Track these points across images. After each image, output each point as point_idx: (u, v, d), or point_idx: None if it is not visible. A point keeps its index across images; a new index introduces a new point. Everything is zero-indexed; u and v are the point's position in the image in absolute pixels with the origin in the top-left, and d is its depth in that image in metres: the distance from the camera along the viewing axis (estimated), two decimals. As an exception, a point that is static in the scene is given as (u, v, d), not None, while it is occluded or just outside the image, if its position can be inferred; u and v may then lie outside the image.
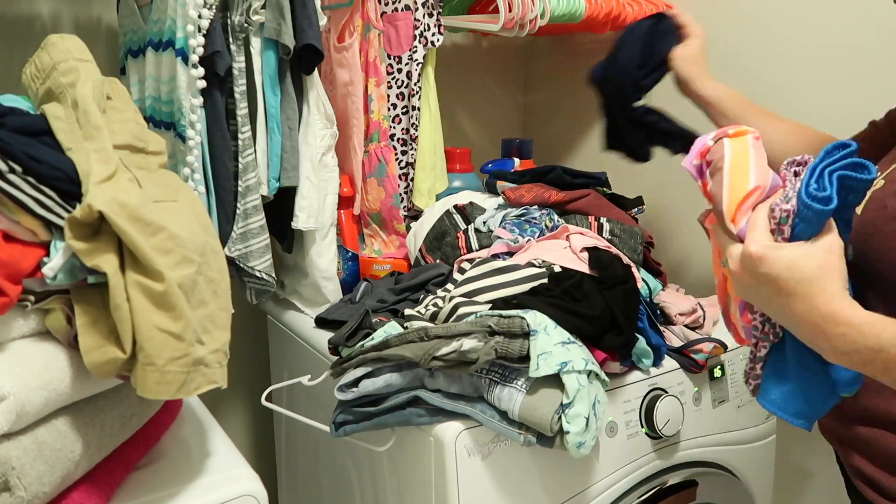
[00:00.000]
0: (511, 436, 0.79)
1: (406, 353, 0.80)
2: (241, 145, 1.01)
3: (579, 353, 0.81)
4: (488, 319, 0.82)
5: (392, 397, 0.83)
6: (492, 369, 0.81)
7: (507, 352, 0.79)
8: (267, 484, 0.73)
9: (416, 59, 1.18)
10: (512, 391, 0.79)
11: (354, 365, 0.83)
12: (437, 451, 0.82)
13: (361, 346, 0.86)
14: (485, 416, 0.81)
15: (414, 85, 1.19)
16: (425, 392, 0.82)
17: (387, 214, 1.22)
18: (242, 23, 0.99)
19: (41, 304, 0.62)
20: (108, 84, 0.76)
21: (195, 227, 0.68)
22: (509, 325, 0.81)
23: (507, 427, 0.80)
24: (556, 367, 0.78)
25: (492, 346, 0.78)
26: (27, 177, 0.61)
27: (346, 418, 0.85)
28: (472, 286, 0.95)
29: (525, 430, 0.79)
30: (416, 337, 0.82)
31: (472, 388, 0.82)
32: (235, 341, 0.74)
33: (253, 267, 1.05)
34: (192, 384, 0.63)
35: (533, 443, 0.79)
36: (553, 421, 0.76)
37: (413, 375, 0.83)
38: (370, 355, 0.83)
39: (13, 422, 0.56)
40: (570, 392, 0.77)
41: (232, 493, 0.70)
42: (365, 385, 0.82)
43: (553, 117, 1.70)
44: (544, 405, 0.77)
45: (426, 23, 1.17)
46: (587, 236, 1.02)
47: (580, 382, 0.78)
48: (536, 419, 0.77)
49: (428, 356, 0.79)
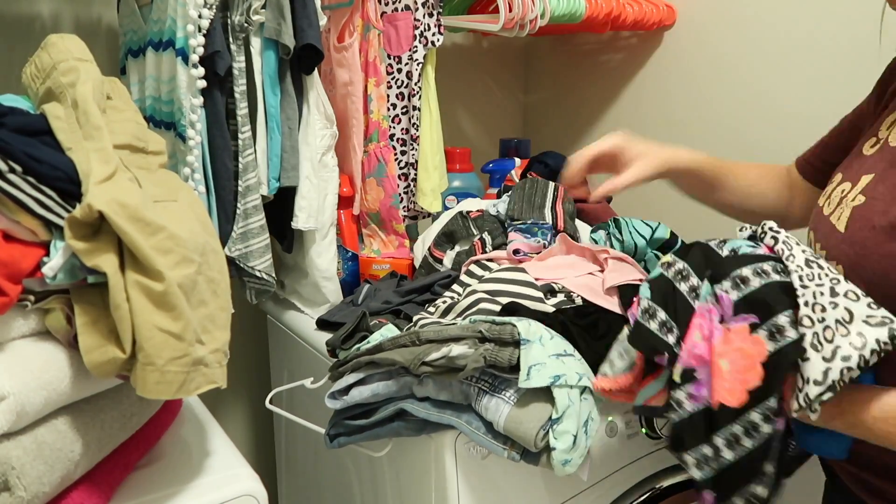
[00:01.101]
0: (495, 450, 0.76)
1: (397, 358, 0.78)
2: (241, 145, 1.01)
3: (575, 366, 0.77)
4: (480, 325, 0.80)
5: (381, 409, 0.81)
6: (482, 377, 0.78)
7: (496, 360, 0.75)
8: (267, 484, 0.73)
9: (417, 59, 1.18)
10: (499, 402, 0.76)
11: (349, 370, 0.82)
12: (436, 452, 0.82)
13: (357, 349, 0.85)
14: (470, 427, 0.77)
15: (414, 85, 1.19)
16: (410, 404, 0.79)
17: (386, 214, 1.22)
18: (242, 23, 0.99)
19: (41, 303, 0.62)
20: (108, 84, 0.76)
21: (195, 226, 0.68)
22: (500, 332, 0.78)
23: (492, 441, 0.76)
24: (548, 379, 0.74)
25: (480, 354, 0.75)
26: (27, 176, 0.61)
27: (339, 430, 0.84)
28: (496, 286, 0.91)
29: (510, 445, 0.76)
30: (408, 341, 0.80)
31: (462, 395, 0.79)
32: (235, 341, 0.74)
33: (253, 267, 1.05)
34: (191, 384, 0.63)
35: (517, 459, 0.75)
36: (538, 437, 0.73)
37: (402, 384, 0.80)
38: (363, 359, 0.81)
39: (13, 422, 0.56)
40: (559, 407, 0.74)
41: (232, 493, 0.70)
42: (353, 395, 0.81)
43: (553, 117, 1.70)
44: (530, 419, 0.74)
45: (426, 23, 1.17)
46: (622, 273, 0.93)
47: (571, 398, 0.74)
48: (521, 433, 0.73)
49: (418, 361, 0.77)
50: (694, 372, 0.64)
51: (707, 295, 0.67)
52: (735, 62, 1.31)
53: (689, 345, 0.65)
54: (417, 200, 1.23)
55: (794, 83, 1.22)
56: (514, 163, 1.38)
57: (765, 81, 1.27)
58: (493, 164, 1.41)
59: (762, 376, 0.61)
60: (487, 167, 1.41)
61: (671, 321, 0.67)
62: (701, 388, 0.64)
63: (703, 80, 1.38)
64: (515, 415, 0.74)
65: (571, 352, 0.80)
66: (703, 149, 0.95)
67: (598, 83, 1.59)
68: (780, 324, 0.62)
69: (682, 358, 0.65)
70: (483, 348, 0.76)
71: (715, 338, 0.64)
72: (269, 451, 1.51)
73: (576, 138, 1.65)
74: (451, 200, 1.32)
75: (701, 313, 0.66)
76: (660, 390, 0.69)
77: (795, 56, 1.22)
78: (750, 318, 0.63)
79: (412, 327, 0.90)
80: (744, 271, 0.65)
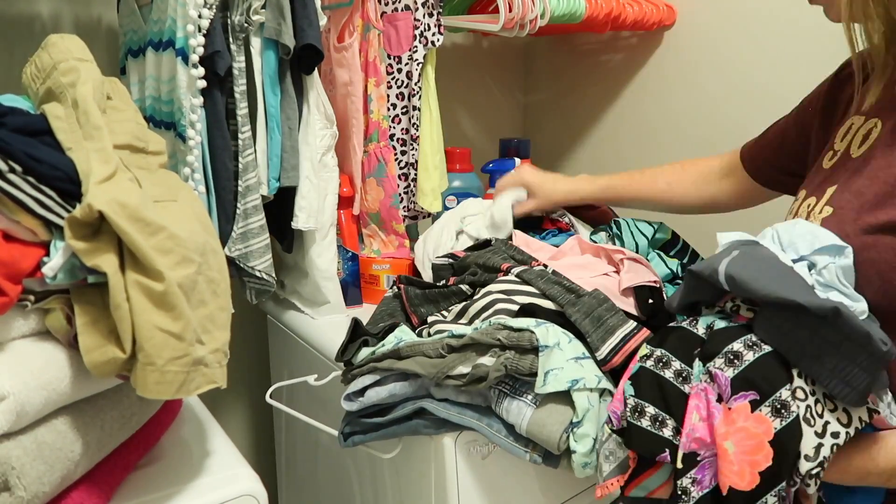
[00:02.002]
0: (517, 453, 0.77)
1: (419, 371, 0.78)
2: (241, 145, 1.01)
3: (593, 369, 0.78)
4: (498, 332, 0.79)
5: (399, 407, 0.81)
6: (503, 380, 0.78)
7: (517, 368, 0.76)
8: (267, 484, 0.73)
9: (417, 58, 1.18)
10: (521, 405, 0.76)
11: (364, 372, 0.82)
12: (436, 452, 0.82)
13: (373, 353, 0.84)
14: (491, 430, 0.78)
15: (414, 85, 1.19)
16: (431, 403, 0.80)
17: (386, 214, 1.22)
18: (242, 23, 0.99)
19: (41, 303, 0.62)
20: (108, 84, 0.76)
21: (195, 226, 0.68)
22: (518, 339, 0.78)
23: (514, 444, 0.77)
24: (566, 384, 0.75)
25: (501, 363, 0.76)
26: (27, 176, 0.61)
27: (354, 429, 0.83)
28: (511, 286, 0.91)
29: (532, 449, 0.77)
30: (431, 351, 0.80)
31: (482, 397, 0.79)
32: (235, 341, 0.74)
33: (253, 267, 1.05)
34: (191, 384, 0.63)
35: (539, 462, 0.76)
36: (562, 440, 0.74)
37: (419, 384, 0.80)
38: (381, 364, 0.80)
39: (13, 422, 0.56)
40: (580, 411, 0.74)
41: (232, 493, 0.70)
42: (370, 395, 0.80)
43: (553, 117, 1.70)
44: (554, 422, 0.74)
45: (426, 23, 1.17)
46: (638, 274, 0.92)
47: (591, 402, 0.75)
48: (545, 436, 0.74)
49: (442, 375, 0.77)
50: (696, 456, 0.62)
51: (700, 374, 0.64)
52: (735, 62, 1.31)
53: (688, 429, 0.63)
54: (417, 200, 1.23)
55: (794, 82, 1.22)
56: (514, 163, 1.38)
57: (765, 81, 1.27)
58: (493, 164, 1.41)
59: (772, 456, 0.58)
60: (487, 167, 1.41)
61: (662, 413, 0.65)
62: (704, 472, 0.62)
63: (704, 80, 1.38)
64: (538, 418, 0.75)
65: (590, 354, 0.80)
66: (704, 148, 0.96)
67: (598, 83, 1.59)
68: (784, 399, 0.59)
69: (684, 443, 0.63)
70: (504, 357, 0.76)
71: (716, 419, 0.61)
72: (269, 451, 1.51)
73: (576, 138, 1.65)
74: (452, 200, 1.32)
75: (696, 394, 0.63)
76: (664, 482, 0.67)
77: (796, 55, 1.22)
78: (750, 394, 0.60)
79: (427, 329, 0.89)
80: (735, 346, 0.62)
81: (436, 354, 0.80)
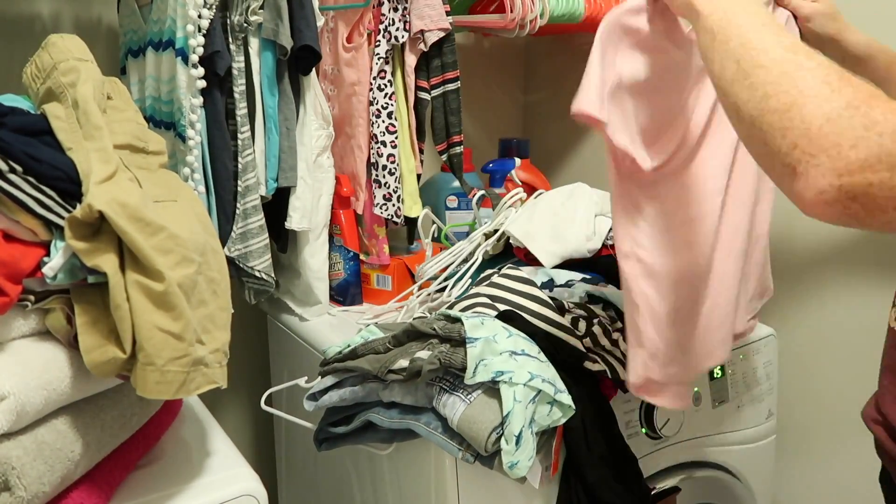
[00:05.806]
0: (450, 450, 0.74)
1: (365, 367, 0.77)
2: (240, 145, 1.01)
3: (529, 366, 0.74)
4: (435, 322, 0.77)
5: (356, 417, 0.81)
6: (444, 377, 0.76)
7: (450, 361, 0.73)
8: (267, 484, 0.73)
9: (379, 53, 1.13)
10: (456, 399, 0.73)
11: (327, 372, 0.82)
12: (436, 452, 0.82)
13: (339, 352, 0.84)
14: (428, 428, 0.75)
15: (384, 82, 1.15)
16: (376, 414, 0.78)
17: (369, 218, 1.21)
18: (241, 23, 0.99)
19: (41, 303, 0.62)
20: (108, 84, 0.76)
21: (195, 226, 0.68)
22: (450, 330, 0.76)
23: (448, 441, 0.74)
24: (490, 374, 0.72)
25: (435, 356, 0.74)
26: (27, 176, 0.61)
27: (325, 436, 0.84)
28: (497, 292, 0.90)
29: (466, 447, 0.73)
30: (380, 346, 0.79)
31: (426, 397, 0.77)
32: (235, 341, 0.74)
33: (252, 267, 1.05)
34: (191, 384, 0.63)
35: (471, 461, 0.73)
36: (489, 440, 0.70)
37: (368, 389, 0.79)
38: (338, 365, 0.80)
39: (13, 422, 0.56)
40: (505, 406, 0.71)
41: (232, 493, 0.70)
42: (325, 398, 0.80)
43: (553, 117, 1.70)
44: (484, 420, 0.71)
45: (391, 17, 1.13)
46: None
47: (517, 397, 0.71)
48: (474, 433, 0.71)
49: (384, 369, 0.75)
50: None
51: None
52: (735, 62, 1.31)
53: None
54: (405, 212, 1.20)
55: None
56: (514, 163, 1.38)
57: (765, 81, 1.26)
58: (493, 164, 1.41)
59: None
60: (487, 167, 1.41)
61: None
62: None
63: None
64: (469, 414, 0.72)
65: (534, 354, 0.77)
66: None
67: (597, 83, 1.59)
68: None
69: None
70: (438, 350, 0.75)
71: None
72: (269, 451, 1.50)
73: (576, 138, 1.65)
74: (452, 200, 1.32)
75: None
76: None
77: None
78: None
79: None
80: None
81: (384, 349, 0.79)
